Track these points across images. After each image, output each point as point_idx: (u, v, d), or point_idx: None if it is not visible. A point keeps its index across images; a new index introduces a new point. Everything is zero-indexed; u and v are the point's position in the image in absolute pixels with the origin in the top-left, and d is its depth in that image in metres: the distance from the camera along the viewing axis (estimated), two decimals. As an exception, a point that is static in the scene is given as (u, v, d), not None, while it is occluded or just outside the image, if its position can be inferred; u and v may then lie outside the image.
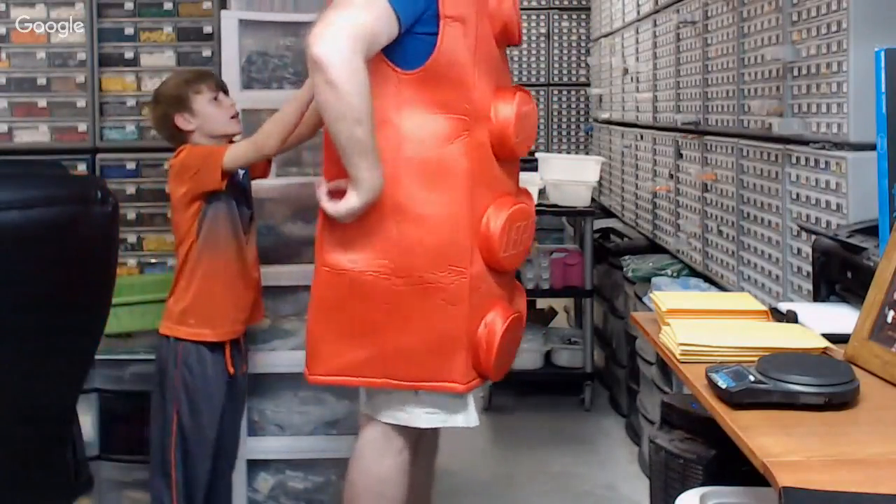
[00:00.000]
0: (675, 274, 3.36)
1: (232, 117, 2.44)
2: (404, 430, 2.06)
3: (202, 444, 2.42)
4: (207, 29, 3.02)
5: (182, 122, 2.41)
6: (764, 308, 1.73)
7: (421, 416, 2.02)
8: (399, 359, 1.97)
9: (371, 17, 1.83)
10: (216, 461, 2.47)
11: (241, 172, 2.46)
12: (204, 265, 2.38)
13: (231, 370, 2.44)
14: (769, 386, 1.28)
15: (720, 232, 2.90)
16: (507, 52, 2.19)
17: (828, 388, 1.28)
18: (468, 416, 2.05)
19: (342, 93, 1.79)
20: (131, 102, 3.02)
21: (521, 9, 6.47)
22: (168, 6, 3.03)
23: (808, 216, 2.21)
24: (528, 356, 3.96)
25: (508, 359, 2.08)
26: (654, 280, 3.30)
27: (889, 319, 1.44)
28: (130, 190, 3.02)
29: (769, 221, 2.46)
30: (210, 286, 2.39)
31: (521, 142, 2.03)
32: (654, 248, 3.83)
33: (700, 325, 1.59)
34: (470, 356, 1.98)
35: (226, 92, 2.47)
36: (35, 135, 3.05)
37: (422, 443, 2.19)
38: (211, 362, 2.41)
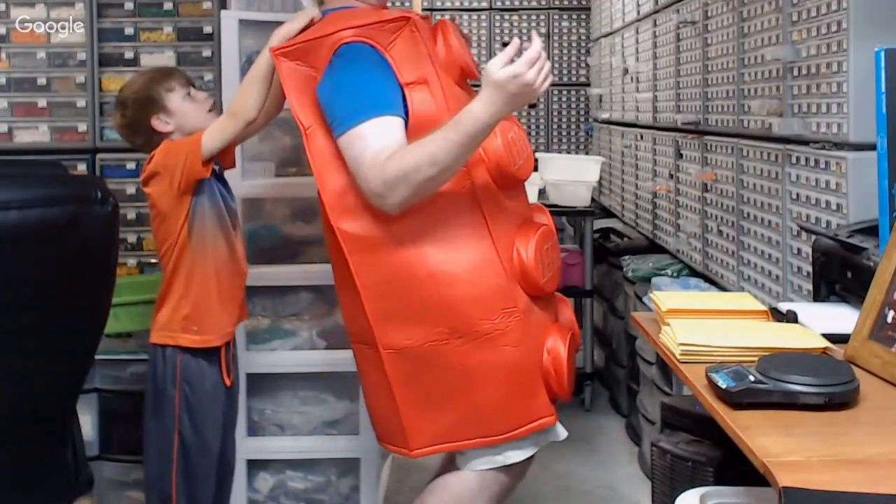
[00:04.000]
0: (675, 274, 3.36)
1: (209, 110, 2.33)
2: (500, 476, 2.02)
3: (206, 462, 2.33)
4: (207, 29, 3.02)
5: (159, 123, 2.28)
6: (764, 308, 1.73)
7: (516, 452, 2.01)
8: (486, 415, 1.96)
9: (391, 138, 1.87)
10: (219, 476, 2.38)
11: (217, 166, 2.34)
12: (199, 267, 2.28)
13: (228, 381, 2.35)
14: (769, 386, 1.28)
15: (720, 232, 2.90)
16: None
17: (828, 388, 1.28)
18: (557, 431, 2.06)
19: (419, 186, 1.83)
20: (131, 102, 3.01)
21: (521, 9, 6.43)
22: (168, 6, 3.04)
23: (808, 216, 2.21)
24: (528, 356, 3.95)
25: (573, 376, 2.07)
26: (654, 280, 3.30)
27: (889, 319, 1.45)
28: (130, 190, 3.02)
29: (769, 221, 2.46)
30: (208, 288, 2.29)
31: (520, 167, 2.02)
32: (654, 248, 3.82)
33: (700, 325, 1.59)
34: (544, 387, 1.99)
35: (194, 86, 2.37)
36: (35, 135, 3.05)
37: (513, 490, 2.13)
38: (209, 373, 2.32)
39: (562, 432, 2.06)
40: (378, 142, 1.84)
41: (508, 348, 1.93)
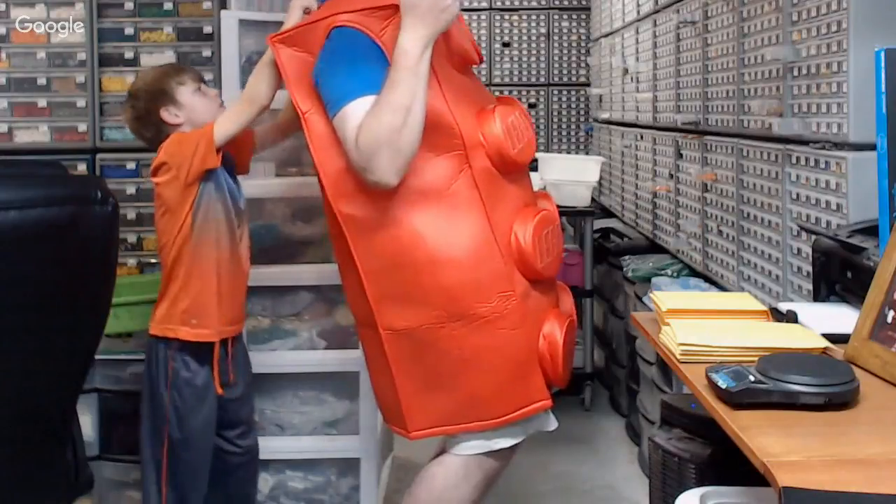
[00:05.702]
0: (675, 274, 3.36)
1: (219, 106, 2.34)
2: (485, 461, 2.04)
3: (196, 463, 2.34)
4: (207, 29, 3.02)
5: (168, 116, 2.29)
6: (764, 308, 1.73)
7: (505, 439, 2.02)
8: (482, 400, 1.97)
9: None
10: (219, 474, 2.40)
11: (230, 166, 2.35)
12: (201, 260, 2.27)
13: (220, 390, 2.34)
14: (769, 386, 1.28)
15: (720, 232, 2.90)
16: (507, 53, 2.21)
17: (828, 388, 1.28)
18: (548, 420, 2.07)
19: (394, 142, 1.84)
20: (131, 102, 3.01)
21: (521, 9, 6.42)
22: (168, 6, 3.04)
23: (808, 216, 2.21)
24: (528, 356, 3.95)
25: (570, 362, 2.07)
26: (654, 280, 3.30)
27: (889, 319, 1.44)
28: (130, 190, 3.02)
29: (769, 221, 2.46)
30: (209, 281, 2.28)
31: (520, 151, 2.02)
32: (654, 248, 3.82)
33: (700, 325, 1.59)
34: (540, 371, 2.00)
35: (206, 83, 2.39)
36: (35, 135, 3.05)
37: (498, 476, 2.14)
38: (201, 375, 2.31)
39: (553, 422, 2.08)
40: (360, 121, 1.86)
41: (505, 332, 1.94)
